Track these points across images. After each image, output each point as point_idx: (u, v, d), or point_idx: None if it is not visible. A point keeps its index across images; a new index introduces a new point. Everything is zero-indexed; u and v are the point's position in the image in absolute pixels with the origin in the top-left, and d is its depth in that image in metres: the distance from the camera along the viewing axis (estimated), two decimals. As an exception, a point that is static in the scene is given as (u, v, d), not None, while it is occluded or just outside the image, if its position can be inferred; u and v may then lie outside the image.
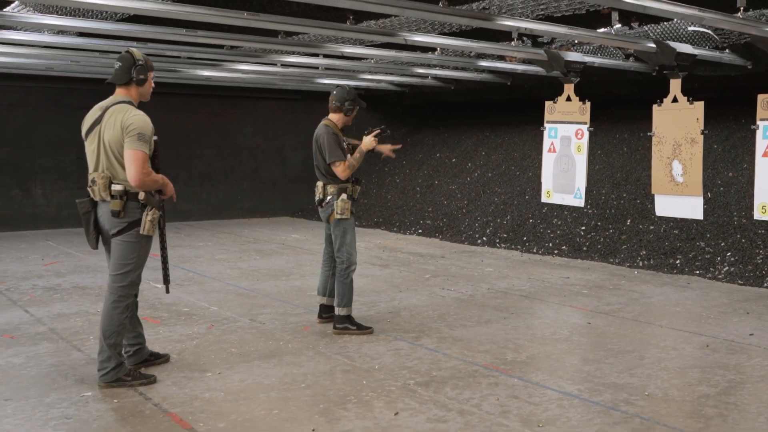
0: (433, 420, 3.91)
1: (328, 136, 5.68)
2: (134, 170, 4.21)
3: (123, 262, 4.38)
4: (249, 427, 3.80)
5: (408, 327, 5.87)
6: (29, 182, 11.78)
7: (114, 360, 4.37)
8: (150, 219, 4.35)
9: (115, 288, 4.41)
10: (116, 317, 4.39)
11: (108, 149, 4.31)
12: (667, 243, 8.90)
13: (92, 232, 4.43)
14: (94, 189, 4.36)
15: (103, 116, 4.37)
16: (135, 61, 4.44)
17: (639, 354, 5.17)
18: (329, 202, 5.69)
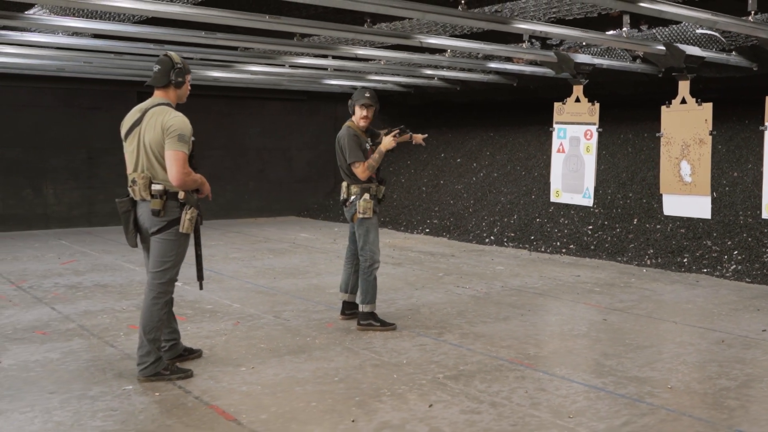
0: (466, 411, 4.05)
1: (348, 137, 5.82)
2: (175, 170, 4.34)
3: (162, 260, 4.51)
4: (290, 418, 3.93)
5: (429, 323, 6.01)
6: (40, 182, 11.89)
7: (153, 354, 4.50)
8: (189, 218, 4.48)
9: (154, 285, 4.54)
10: (156, 313, 4.52)
11: (148, 150, 4.43)
12: (674, 242, 9.06)
13: (132, 230, 4.56)
14: (135, 188, 4.48)
15: (143, 118, 4.49)
16: (174, 65, 4.57)
17: (657, 349, 5.32)
18: (352, 201, 5.82)
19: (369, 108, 5.89)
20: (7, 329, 5.74)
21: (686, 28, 8.13)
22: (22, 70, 10.88)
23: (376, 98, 5.95)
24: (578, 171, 8.90)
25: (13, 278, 7.80)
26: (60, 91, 11.91)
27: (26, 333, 5.64)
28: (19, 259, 9.03)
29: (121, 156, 12.87)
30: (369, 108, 5.89)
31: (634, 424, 3.88)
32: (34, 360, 4.94)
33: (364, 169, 5.76)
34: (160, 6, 5.99)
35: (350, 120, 5.94)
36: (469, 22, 6.38)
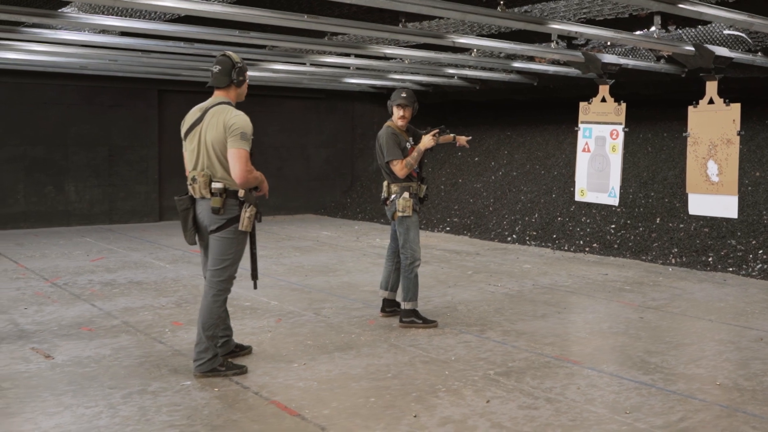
0: (524, 407, 4.12)
1: (387, 136, 5.90)
2: (239, 168, 4.40)
3: (222, 257, 4.57)
4: (352, 414, 4.00)
5: (469, 321, 6.08)
6: (62, 179, 11.95)
7: (211, 351, 4.57)
8: (248, 215, 4.53)
9: (214, 282, 4.59)
10: (215, 310, 4.58)
11: (209, 148, 4.48)
12: (698, 241, 9.13)
13: (190, 228, 4.61)
14: (195, 187, 4.53)
15: (204, 117, 4.55)
16: (234, 64, 4.63)
17: (699, 347, 5.39)
18: (393, 200, 5.89)
19: (405, 108, 5.97)
20: (52, 325, 5.80)
21: (713, 29, 8.19)
22: (46, 68, 10.97)
23: (413, 98, 6.02)
24: (604, 170, 8.95)
25: (46, 275, 7.86)
26: (82, 89, 11.97)
27: (72, 329, 5.70)
28: (48, 256, 9.09)
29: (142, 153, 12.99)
30: (405, 108, 5.97)
31: (690, 420, 3.95)
32: (86, 356, 5.01)
33: (402, 167, 5.82)
34: (204, 6, 6.05)
35: (390, 120, 6.01)
36: (507, 23, 6.45)
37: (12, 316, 6.07)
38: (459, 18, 6.07)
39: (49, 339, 5.41)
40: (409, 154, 5.87)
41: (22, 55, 9.41)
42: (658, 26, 7.58)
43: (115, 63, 10.32)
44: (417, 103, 6.07)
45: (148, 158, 12.69)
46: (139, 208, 12.63)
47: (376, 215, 13.53)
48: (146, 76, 11.68)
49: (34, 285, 7.34)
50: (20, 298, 6.76)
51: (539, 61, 10.33)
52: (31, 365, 4.79)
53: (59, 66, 10.79)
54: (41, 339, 5.41)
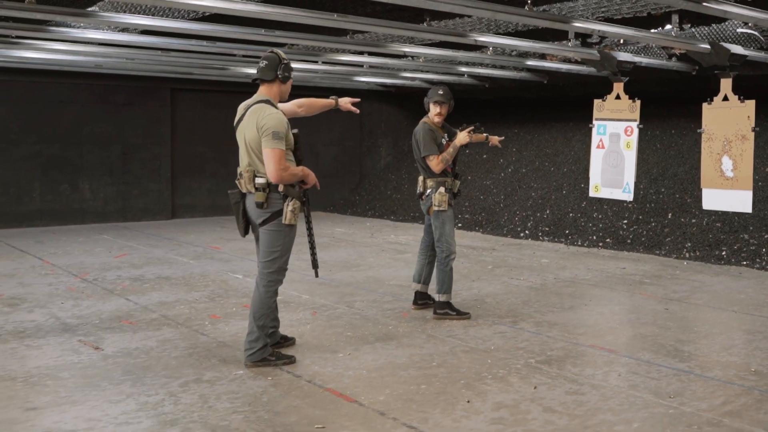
0: (571, 393, 4.26)
1: (423, 132, 6.04)
2: (272, 167, 4.52)
3: (270, 250, 4.70)
4: (407, 400, 4.13)
5: (500, 313, 6.22)
6: (77, 177, 12.02)
7: (261, 341, 4.69)
8: (291, 209, 4.63)
9: (264, 274, 4.72)
10: (266, 301, 4.71)
11: (249, 147, 4.63)
12: (711, 235, 9.30)
13: (241, 221, 4.77)
14: (241, 182, 4.69)
15: (245, 114, 4.70)
16: (281, 60, 4.74)
17: (728, 336, 5.55)
18: (428, 194, 6.02)
19: (442, 105, 6.11)
20: (92, 319, 5.91)
21: (726, 28, 8.36)
22: (62, 67, 11.03)
23: (450, 95, 6.16)
24: (618, 166, 9.12)
25: (74, 271, 7.96)
26: (96, 88, 12.05)
27: (113, 323, 5.81)
28: (71, 253, 9.18)
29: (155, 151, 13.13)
30: (442, 105, 6.11)
31: (733, 404, 4.10)
32: (134, 347, 5.12)
33: (438, 161, 5.96)
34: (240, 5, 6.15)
35: (426, 116, 6.14)
36: (534, 21, 6.59)
37: (51, 310, 6.17)
38: (490, 17, 6.20)
39: (94, 332, 5.52)
40: (444, 149, 6.01)
41: (41, 54, 9.48)
42: (676, 24, 7.74)
43: (131, 62, 10.41)
44: (453, 100, 6.19)
45: (161, 156, 12.77)
46: (152, 205, 12.72)
47: (386, 212, 13.66)
48: (159, 74, 11.76)
49: (65, 281, 7.44)
50: (55, 293, 6.86)
51: (550, 58, 10.48)
52: (82, 356, 4.90)
53: (75, 65, 10.87)
54: (86, 332, 5.52)
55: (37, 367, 4.68)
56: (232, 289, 7.13)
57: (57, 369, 4.64)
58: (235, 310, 6.25)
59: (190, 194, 13.24)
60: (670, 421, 3.84)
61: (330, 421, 3.82)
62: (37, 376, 4.51)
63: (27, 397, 4.13)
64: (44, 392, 4.22)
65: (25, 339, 5.31)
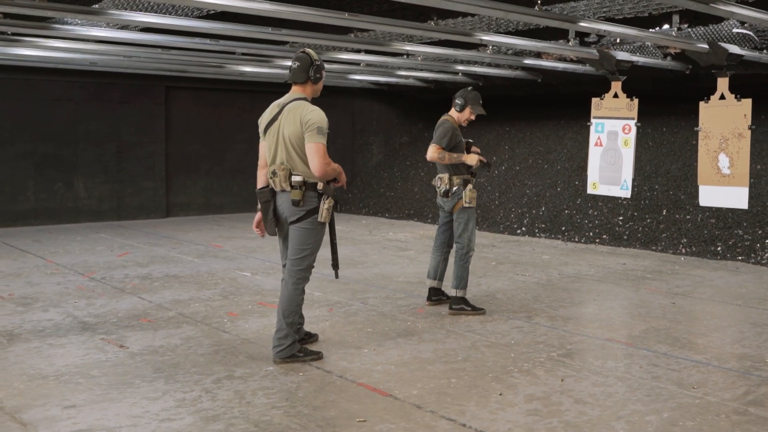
0: (598, 385, 4.37)
1: (446, 128, 6.13)
2: (317, 161, 4.57)
3: (301, 248, 4.75)
4: (441, 393, 4.21)
5: (512, 308, 6.33)
6: (72, 176, 11.96)
7: (290, 337, 4.75)
8: (326, 207, 4.70)
9: (294, 271, 4.78)
10: (295, 298, 4.77)
11: (288, 143, 4.65)
12: (706, 231, 9.49)
13: (271, 219, 4.81)
14: (276, 180, 4.70)
15: (281, 113, 4.72)
16: (312, 61, 4.77)
17: (738, 329, 5.70)
18: (456, 191, 6.09)
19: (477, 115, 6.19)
20: (110, 317, 5.93)
21: (722, 28, 8.54)
22: (56, 64, 10.97)
23: None
24: (616, 164, 9.26)
25: (80, 270, 7.94)
26: (91, 86, 11.99)
27: (132, 321, 5.83)
28: (72, 252, 9.15)
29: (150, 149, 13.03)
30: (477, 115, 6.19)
31: (755, 393, 4.23)
32: (158, 345, 5.15)
33: (437, 151, 5.99)
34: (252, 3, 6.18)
35: (449, 114, 6.20)
36: (544, 21, 6.71)
37: (67, 309, 6.18)
38: (502, 16, 6.30)
39: (114, 330, 5.54)
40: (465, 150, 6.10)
41: (39, 51, 9.41)
42: (676, 24, 7.90)
43: (128, 59, 10.37)
44: None
45: (156, 154, 12.74)
46: (147, 204, 12.68)
47: (380, 210, 13.74)
48: (154, 72, 11.72)
49: (73, 280, 7.43)
50: (66, 292, 6.85)
51: (546, 57, 10.62)
52: (109, 355, 4.93)
53: (69, 63, 10.80)
54: (106, 330, 5.54)
55: (66, 365, 4.70)
56: (243, 286, 7.17)
57: (86, 367, 4.66)
58: (251, 308, 6.29)
59: (185, 192, 13.21)
60: (698, 411, 3.96)
61: (369, 414, 3.89)
62: (68, 374, 4.53)
63: (63, 395, 4.16)
64: (79, 390, 4.24)
65: (47, 338, 5.32)
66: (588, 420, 3.82)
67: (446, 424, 3.77)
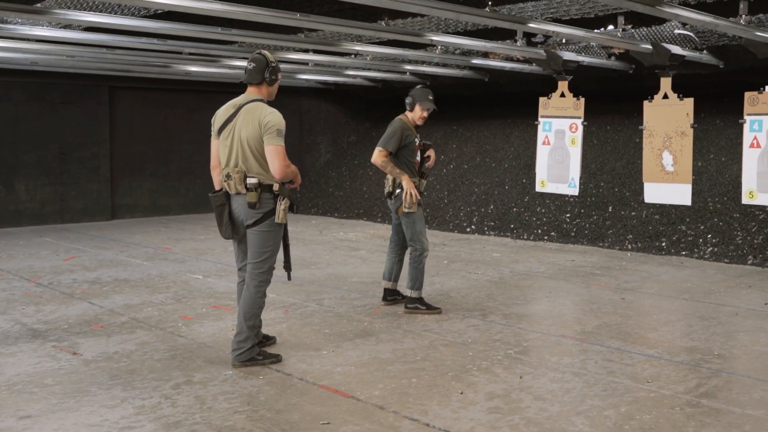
0: (556, 381, 4.45)
1: (395, 128, 6.09)
2: (278, 163, 4.55)
3: (261, 250, 4.72)
4: (402, 393, 4.24)
5: (467, 306, 6.39)
6: (12, 178, 11.63)
7: (250, 341, 4.72)
8: (283, 208, 4.68)
9: (255, 274, 4.75)
10: (257, 301, 4.75)
11: (245, 145, 4.61)
12: (650, 227, 9.73)
13: (226, 223, 4.76)
14: (230, 183, 4.66)
15: (238, 114, 4.67)
16: (268, 63, 4.75)
17: (686, 323, 5.87)
18: (398, 194, 6.11)
19: (430, 111, 6.19)
20: (60, 324, 5.79)
21: (664, 29, 8.77)
22: (-5, 64, 10.65)
23: None
24: (563, 162, 9.43)
25: (25, 275, 7.74)
26: (32, 86, 11.67)
27: (83, 327, 5.70)
28: (16, 257, 8.90)
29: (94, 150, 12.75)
30: (430, 111, 6.19)
31: (706, 386, 4.37)
32: (113, 352, 5.05)
33: (381, 157, 5.98)
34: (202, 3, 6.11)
35: (404, 114, 6.20)
36: (494, 22, 6.79)
37: (14, 316, 6.01)
38: (454, 17, 6.36)
39: (66, 337, 5.42)
40: (417, 149, 6.12)
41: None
42: (621, 26, 8.08)
43: (71, 59, 10.13)
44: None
45: (100, 156, 12.47)
46: (91, 206, 12.41)
47: (329, 209, 13.72)
48: (97, 72, 11.47)
49: (19, 285, 7.23)
50: (12, 298, 6.67)
51: (494, 57, 10.75)
52: (62, 362, 4.82)
53: (9, 62, 10.49)
54: (57, 337, 5.41)
55: (18, 374, 4.58)
56: (196, 289, 7.08)
57: (39, 376, 4.55)
58: (205, 311, 6.22)
59: (131, 194, 12.97)
60: (653, 404, 4.06)
61: (333, 416, 3.89)
62: (21, 384, 4.41)
63: (17, 406, 4.05)
64: (33, 400, 4.14)
65: (-5, 346, 5.17)
66: (548, 416, 3.89)
67: (410, 424, 3.79)
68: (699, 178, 10.18)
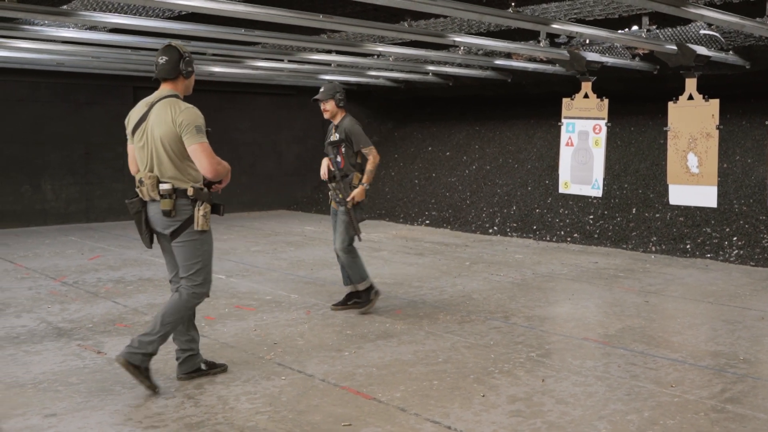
0: (578, 384, 4.43)
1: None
2: (206, 162, 4.15)
3: (190, 263, 4.30)
4: (423, 396, 4.23)
5: (489, 308, 6.37)
6: (39, 178, 11.77)
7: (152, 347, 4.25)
8: (202, 214, 4.24)
9: (190, 287, 4.35)
10: (183, 311, 4.35)
11: (159, 145, 4.19)
12: (675, 229, 9.64)
13: (145, 231, 4.36)
14: (143, 189, 4.25)
15: (150, 112, 4.24)
16: (182, 55, 4.32)
17: (711, 326, 5.81)
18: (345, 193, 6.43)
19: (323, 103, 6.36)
20: (85, 323, 5.85)
21: (690, 30, 8.68)
22: (21, 65, 10.77)
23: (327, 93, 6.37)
24: (587, 163, 9.37)
25: (51, 274, 7.83)
26: (57, 86, 11.81)
27: (107, 326, 5.76)
28: (42, 256, 9.01)
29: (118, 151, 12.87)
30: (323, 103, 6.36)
31: (731, 391, 4.32)
32: (137, 350, 5.09)
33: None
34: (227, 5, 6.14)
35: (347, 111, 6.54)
36: (517, 23, 6.75)
37: (40, 315, 6.08)
38: (477, 18, 6.34)
39: (90, 336, 5.47)
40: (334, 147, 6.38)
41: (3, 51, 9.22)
42: (646, 26, 8.02)
43: (96, 60, 10.23)
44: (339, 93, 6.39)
45: (124, 156, 12.48)
46: (116, 206, 12.51)
47: (351, 210, 13.72)
48: (122, 73, 11.57)
49: (44, 284, 7.31)
50: (38, 297, 6.75)
51: (516, 58, 10.71)
52: (86, 361, 4.87)
53: (35, 63, 10.62)
54: (82, 336, 5.46)
55: (43, 372, 4.63)
56: (218, 289, 7.12)
57: (64, 374, 4.60)
58: (227, 311, 6.25)
59: (154, 194, 13.05)
60: (677, 409, 4.03)
61: (354, 418, 3.90)
62: (46, 382, 4.46)
63: (42, 404, 4.10)
64: (59, 398, 4.19)
65: (22, 345, 5.24)
66: (571, 420, 3.87)
67: (431, 426, 3.79)
68: (724, 180, 10.06)
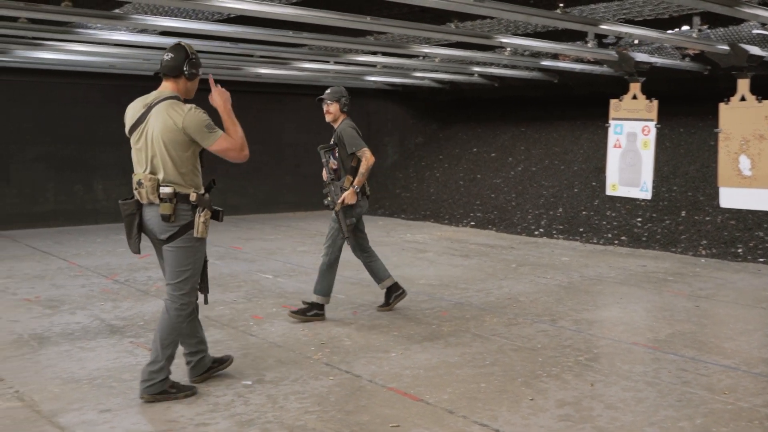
0: (628, 389, 4.38)
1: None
2: (233, 154, 4.18)
3: (180, 269, 4.19)
4: (471, 398, 4.23)
5: (536, 311, 6.33)
6: (91, 178, 12.05)
7: (164, 372, 4.17)
8: (203, 220, 4.14)
9: (176, 297, 4.23)
10: (177, 326, 4.25)
11: (160, 145, 4.08)
12: (726, 233, 9.46)
13: (135, 236, 4.19)
14: (141, 192, 4.11)
15: (149, 113, 4.12)
16: (188, 54, 4.22)
17: (764, 332, 5.69)
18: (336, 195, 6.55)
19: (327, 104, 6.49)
20: (137, 320, 5.97)
21: (741, 29, 8.53)
22: (75, 67, 11.03)
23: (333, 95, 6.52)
24: (635, 165, 9.25)
25: (103, 272, 8.00)
26: (109, 88, 12.05)
27: (158, 324, 5.86)
28: (94, 254, 9.21)
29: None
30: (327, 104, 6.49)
31: (786, 399, 4.23)
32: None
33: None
34: (277, 8, 6.22)
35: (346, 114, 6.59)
36: (564, 24, 6.70)
37: (93, 312, 6.23)
38: (523, 20, 6.32)
39: (142, 333, 5.58)
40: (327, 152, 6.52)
41: (59, 55, 9.46)
42: (697, 26, 7.89)
43: (147, 62, 10.43)
44: (345, 98, 6.49)
45: (173, 156, 12.77)
46: (164, 205, 12.73)
47: (396, 210, 13.76)
48: (171, 74, 11.75)
49: (97, 282, 7.48)
50: (91, 294, 6.91)
51: (563, 58, 10.62)
52: (139, 358, 4.97)
53: (89, 66, 10.88)
54: (134, 333, 5.58)
55: (98, 369, 4.75)
56: (266, 289, 7.20)
57: (118, 371, 4.70)
58: (275, 311, 6.33)
59: (202, 194, 13.25)
60: (731, 417, 3.96)
61: (402, 419, 3.91)
62: (101, 378, 4.57)
63: (98, 399, 4.20)
64: (113, 394, 4.28)
65: (77, 341, 5.37)
66: (621, 426, 3.83)
67: (480, 429, 3.79)
68: (778, 183, 9.83)
